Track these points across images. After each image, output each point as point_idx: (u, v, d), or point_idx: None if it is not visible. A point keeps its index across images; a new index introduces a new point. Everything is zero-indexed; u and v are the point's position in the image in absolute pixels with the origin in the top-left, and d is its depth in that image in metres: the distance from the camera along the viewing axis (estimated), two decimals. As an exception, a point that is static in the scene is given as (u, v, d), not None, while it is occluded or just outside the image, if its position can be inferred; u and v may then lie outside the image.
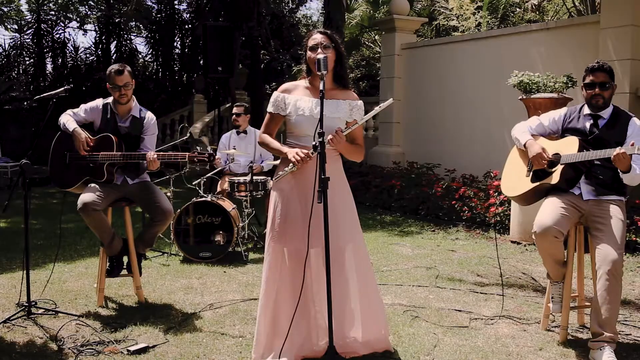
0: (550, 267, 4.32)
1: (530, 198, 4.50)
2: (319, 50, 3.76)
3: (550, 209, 4.14)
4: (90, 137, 5.02)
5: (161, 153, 4.95)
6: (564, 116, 4.40)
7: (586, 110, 4.29)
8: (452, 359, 3.95)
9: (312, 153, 3.66)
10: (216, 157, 7.66)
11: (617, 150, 3.86)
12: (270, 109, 3.94)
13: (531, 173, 4.40)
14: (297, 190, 3.84)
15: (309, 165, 3.69)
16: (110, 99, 5.15)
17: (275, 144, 3.91)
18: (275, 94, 3.95)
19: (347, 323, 3.93)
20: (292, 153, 3.71)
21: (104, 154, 4.96)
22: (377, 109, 3.78)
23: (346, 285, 3.88)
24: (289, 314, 3.75)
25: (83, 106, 5.19)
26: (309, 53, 3.82)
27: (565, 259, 4.29)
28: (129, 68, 5.09)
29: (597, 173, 4.16)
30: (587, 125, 4.24)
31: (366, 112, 3.92)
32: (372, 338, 3.98)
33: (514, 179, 4.55)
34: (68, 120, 5.07)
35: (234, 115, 8.03)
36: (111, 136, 5.00)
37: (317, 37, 3.84)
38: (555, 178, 4.20)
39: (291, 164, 3.72)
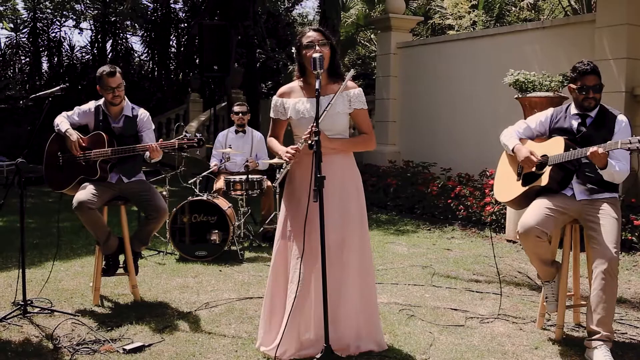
0: (537, 266, 4.34)
1: (523, 202, 4.48)
2: (316, 47, 3.76)
3: (534, 210, 4.17)
4: (82, 137, 5.02)
5: (162, 143, 4.93)
6: (551, 117, 4.41)
7: (574, 109, 4.30)
8: (447, 358, 3.95)
9: (300, 145, 3.72)
10: (212, 163, 7.70)
11: (593, 148, 3.86)
12: (271, 114, 4.03)
13: (521, 177, 4.41)
14: (300, 189, 3.91)
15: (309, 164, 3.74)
16: (101, 101, 5.14)
17: (277, 147, 4.01)
18: (274, 99, 4.02)
19: (345, 320, 3.90)
20: (283, 152, 3.82)
21: (97, 151, 4.95)
22: (336, 95, 3.78)
23: (345, 281, 3.88)
24: (284, 308, 3.87)
25: (76, 109, 5.18)
26: (304, 51, 3.83)
27: (553, 259, 4.31)
28: (119, 69, 5.08)
29: (588, 172, 4.15)
30: (575, 124, 4.25)
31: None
32: (368, 336, 3.97)
33: (506, 184, 4.56)
34: (62, 122, 5.07)
35: (240, 114, 7.99)
36: (102, 133, 4.99)
37: (312, 35, 3.84)
38: (544, 180, 4.21)
39: (284, 163, 3.79)
